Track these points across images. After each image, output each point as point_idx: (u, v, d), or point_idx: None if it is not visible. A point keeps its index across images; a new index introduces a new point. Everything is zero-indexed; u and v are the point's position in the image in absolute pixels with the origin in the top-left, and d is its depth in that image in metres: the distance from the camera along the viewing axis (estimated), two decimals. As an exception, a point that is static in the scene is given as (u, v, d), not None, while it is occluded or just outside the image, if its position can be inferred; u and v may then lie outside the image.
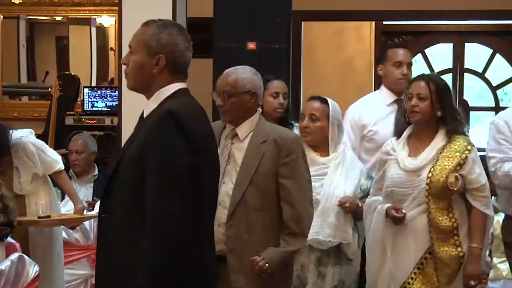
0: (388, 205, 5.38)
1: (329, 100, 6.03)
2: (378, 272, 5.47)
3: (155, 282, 3.95)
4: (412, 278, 5.28)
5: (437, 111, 5.48)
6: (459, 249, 5.30)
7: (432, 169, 5.32)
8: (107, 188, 4.17)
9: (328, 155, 5.90)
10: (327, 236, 5.66)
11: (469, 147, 5.49)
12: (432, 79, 5.67)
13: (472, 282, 5.46)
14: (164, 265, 3.94)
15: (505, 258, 8.08)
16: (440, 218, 5.29)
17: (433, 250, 5.31)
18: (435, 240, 5.31)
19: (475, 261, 5.38)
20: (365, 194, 5.86)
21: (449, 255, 5.28)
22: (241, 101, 5.17)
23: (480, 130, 14.52)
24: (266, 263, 4.92)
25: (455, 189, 5.28)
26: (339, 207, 5.77)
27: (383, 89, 5.86)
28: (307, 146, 5.88)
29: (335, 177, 5.75)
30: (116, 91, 11.19)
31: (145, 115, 4.21)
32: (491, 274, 7.04)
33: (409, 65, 5.77)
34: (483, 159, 6.24)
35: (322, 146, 5.95)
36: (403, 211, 5.32)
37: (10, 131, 7.55)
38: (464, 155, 5.42)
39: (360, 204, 5.83)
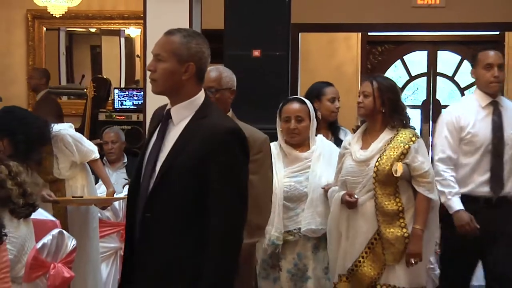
0: (343, 192, 5.36)
1: (305, 99, 6.04)
2: (336, 252, 5.43)
3: (234, 255, 3.96)
4: (363, 257, 5.27)
5: (380, 107, 5.47)
6: (404, 230, 5.29)
7: (379, 159, 5.31)
8: (154, 190, 4.01)
9: (308, 149, 5.83)
10: (319, 224, 5.60)
11: (413, 139, 5.47)
12: (377, 79, 5.69)
13: (413, 260, 5.43)
14: (236, 247, 3.96)
15: None
16: (386, 203, 5.28)
17: (380, 231, 5.31)
18: (381, 222, 5.31)
19: (416, 241, 5.36)
20: None
21: (394, 236, 5.27)
22: (224, 96, 5.13)
23: None
24: None
25: (398, 175, 5.26)
26: (326, 197, 5.69)
27: (477, 92, 5.57)
28: (287, 145, 5.86)
29: (318, 169, 5.69)
30: (141, 92, 11.20)
31: (175, 119, 4.07)
32: None
33: (500, 66, 5.40)
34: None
35: (302, 143, 5.88)
36: (355, 196, 5.30)
37: (52, 125, 7.55)
38: (407, 145, 5.39)
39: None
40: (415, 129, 5.77)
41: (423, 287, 5.56)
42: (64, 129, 7.54)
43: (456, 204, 5.37)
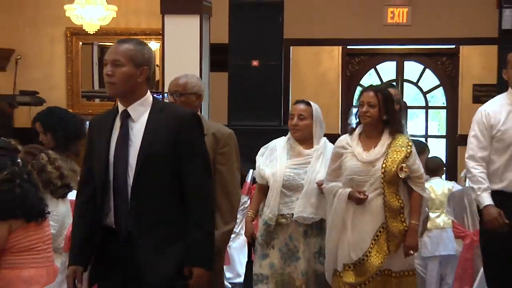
0: (350, 189, 5.19)
1: (312, 103, 5.87)
2: (337, 243, 5.27)
3: (211, 222, 4.01)
4: (370, 249, 5.14)
5: (384, 116, 5.30)
6: (404, 224, 5.19)
7: (385, 161, 5.16)
8: (136, 179, 3.95)
9: (312, 147, 5.69)
10: (310, 213, 5.51)
11: (410, 143, 5.35)
12: (380, 89, 5.48)
13: (411, 252, 5.38)
14: (213, 209, 4.09)
15: (439, 213, 8.25)
16: (391, 200, 5.16)
17: (386, 225, 5.18)
18: (388, 217, 5.18)
19: (413, 235, 5.29)
20: None
21: (398, 229, 5.17)
22: (189, 100, 5.01)
23: (415, 123, 14.85)
24: None
25: (403, 177, 5.16)
26: (320, 190, 5.60)
27: (509, 91, 5.07)
28: (295, 141, 5.73)
29: (316, 165, 5.58)
30: (160, 95, 10.96)
31: (134, 117, 4.02)
32: (428, 225, 6.79)
33: None
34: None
35: (307, 140, 5.72)
36: (366, 193, 5.17)
37: (86, 122, 7.51)
38: (409, 149, 5.27)
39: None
40: (407, 133, 5.76)
41: (414, 269, 5.45)
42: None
43: (486, 200, 5.02)
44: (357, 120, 5.41)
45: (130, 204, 3.99)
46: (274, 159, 5.67)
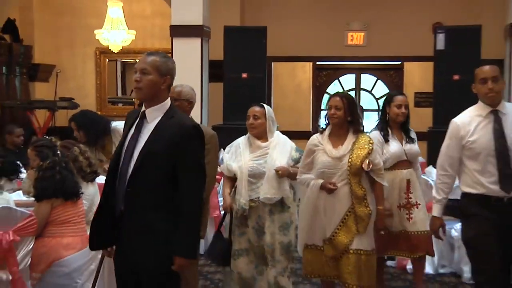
0: (322, 180, 5.08)
1: (265, 105, 5.80)
2: (309, 223, 5.19)
3: (199, 223, 3.93)
4: (338, 229, 5.05)
5: (348, 117, 5.18)
6: (368, 208, 5.06)
7: (350, 156, 5.05)
8: (137, 171, 3.91)
9: (267, 141, 5.62)
10: (273, 194, 5.43)
11: (371, 142, 5.21)
12: (345, 95, 5.35)
13: (382, 232, 5.32)
14: (200, 214, 3.98)
15: None
16: (356, 189, 5.04)
17: (353, 209, 5.05)
18: (355, 203, 5.05)
19: (382, 218, 5.23)
20: (296, 162, 5.57)
21: (363, 213, 5.04)
22: (182, 105, 4.98)
23: (369, 122, 14.50)
24: None
25: (367, 169, 5.05)
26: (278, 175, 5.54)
27: (479, 103, 4.64)
28: (253, 137, 5.67)
29: (273, 154, 5.50)
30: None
31: (149, 119, 3.97)
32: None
33: (494, 79, 4.53)
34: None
35: (263, 135, 5.65)
36: (337, 185, 5.06)
37: (111, 122, 7.52)
38: (371, 147, 5.13)
39: (291, 170, 5.50)
40: (367, 133, 5.56)
41: (374, 248, 5.26)
42: (119, 125, 7.49)
43: (435, 211, 4.72)
44: (327, 121, 5.31)
45: (126, 189, 3.94)
46: (238, 155, 5.62)
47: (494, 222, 4.39)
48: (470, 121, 4.57)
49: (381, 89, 14.80)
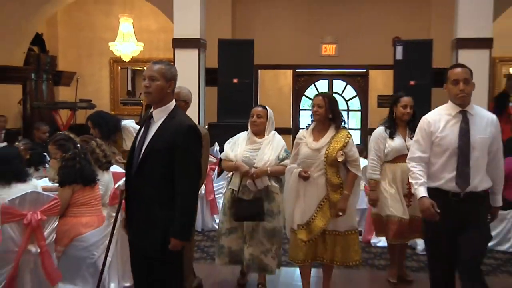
0: (300, 169, 5.03)
1: (267, 107, 5.72)
2: (293, 208, 5.11)
3: (193, 210, 3.94)
4: (315, 214, 4.97)
5: (329, 114, 5.07)
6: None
7: (327, 149, 4.95)
8: (142, 164, 3.93)
9: (263, 137, 5.52)
10: (260, 182, 5.32)
11: (348, 136, 5.10)
12: (326, 95, 5.25)
13: (340, 213, 5.09)
14: (195, 201, 3.97)
15: None
16: (332, 178, 4.95)
17: (328, 196, 4.96)
18: (330, 190, 4.96)
19: (344, 201, 5.01)
20: (281, 161, 5.42)
21: (337, 199, 4.95)
22: (180, 105, 4.79)
23: None
24: None
25: (340, 160, 4.93)
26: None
27: (449, 103, 4.26)
28: (252, 133, 5.58)
29: (265, 150, 5.41)
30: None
31: (155, 119, 3.96)
32: None
33: (465, 81, 4.15)
34: None
35: (262, 133, 5.55)
36: (309, 172, 4.98)
37: (122, 121, 7.51)
38: (347, 140, 5.03)
39: (269, 171, 5.35)
40: (347, 129, 5.42)
41: (356, 228, 5.21)
42: (129, 123, 7.50)
43: (421, 192, 4.24)
44: (312, 118, 5.22)
45: (133, 178, 3.96)
46: (237, 146, 5.55)
47: (450, 214, 4.12)
48: (440, 119, 4.25)
49: (350, 92, 14.81)
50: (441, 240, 4.25)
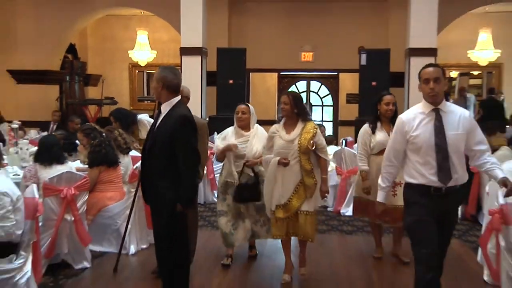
0: (278, 158, 4.73)
1: (249, 104, 5.45)
2: (271, 193, 4.82)
3: (194, 183, 3.94)
4: (292, 196, 4.72)
5: (294, 110, 4.76)
6: (314, 179, 4.71)
7: (299, 139, 4.68)
8: (150, 148, 3.94)
9: (249, 131, 5.26)
10: (248, 170, 5.16)
11: (315, 127, 4.79)
12: (291, 93, 4.93)
13: (326, 195, 4.96)
14: (195, 175, 3.91)
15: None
16: (305, 164, 4.69)
17: (303, 180, 4.70)
18: (304, 175, 4.70)
19: (326, 184, 4.81)
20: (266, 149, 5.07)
21: (310, 183, 4.69)
22: (182, 100, 4.29)
23: (317, 114, 14.61)
24: None
25: (312, 148, 4.67)
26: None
27: (423, 101, 3.70)
28: (238, 127, 5.28)
29: (253, 142, 5.17)
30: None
31: (163, 112, 3.93)
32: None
33: (436, 79, 3.62)
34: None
35: (247, 126, 5.28)
36: (288, 159, 4.72)
37: (138, 115, 7.51)
38: (315, 131, 4.73)
39: (258, 160, 5.15)
40: (318, 125, 5.08)
41: (317, 208, 4.91)
42: (143, 117, 7.49)
43: (379, 197, 3.84)
44: (280, 114, 4.97)
45: (146, 160, 3.99)
46: (226, 140, 5.31)
47: (432, 209, 3.58)
48: (414, 118, 3.67)
49: (324, 91, 14.75)
50: (424, 225, 3.62)
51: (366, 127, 5.39)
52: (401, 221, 4.96)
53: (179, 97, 4.02)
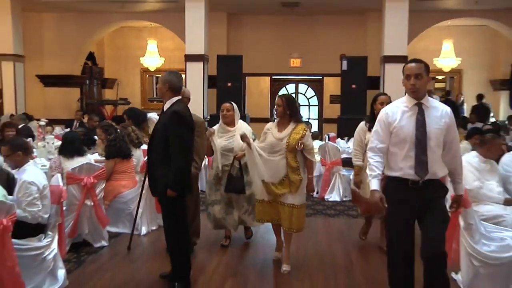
0: (264, 154, 4.49)
1: (233, 102, 5.17)
2: (259, 185, 4.56)
3: (182, 171, 3.83)
4: (277, 183, 4.44)
5: (287, 111, 4.50)
6: (299, 176, 4.42)
7: (288, 139, 4.42)
8: (151, 140, 4.01)
9: (234, 127, 5.02)
10: (237, 162, 4.97)
11: (305, 129, 4.51)
12: (285, 95, 4.65)
13: (312, 193, 4.62)
14: (183, 164, 3.82)
15: (317, 154, 7.44)
16: (291, 162, 4.42)
17: (287, 176, 4.42)
18: (289, 171, 4.42)
19: (311, 183, 4.51)
20: (253, 139, 4.76)
21: (295, 179, 4.41)
22: (183, 100, 4.25)
23: (305, 113, 14.55)
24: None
25: (299, 148, 4.40)
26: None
27: (406, 96, 3.36)
28: (224, 124, 5.04)
29: (237, 136, 4.81)
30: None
31: (165, 109, 3.91)
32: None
33: (418, 76, 3.28)
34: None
35: (232, 122, 5.03)
36: (273, 157, 4.43)
37: (147, 114, 7.47)
38: (304, 132, 4.46)
39: (246, 154, 4.75)
40: (305, 122, 4.90)
41: (305, 203, 4.62)
42: (153, 115, 7.44)
43: (373, 185, 3.27)
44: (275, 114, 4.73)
45: (149, 155, 4.03)
46: (215, 136, 5.09)
47: (412, 204, 3.23)
48: (397, 111, 3.32)
49: (311, 93, 14.76)
50: (401, 226, 3.30)
51: (362, 125, 5.00)
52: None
53: (179, 97, 4.01)
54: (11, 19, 10.64)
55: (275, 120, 4.65)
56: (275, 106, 4.60)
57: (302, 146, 4.42)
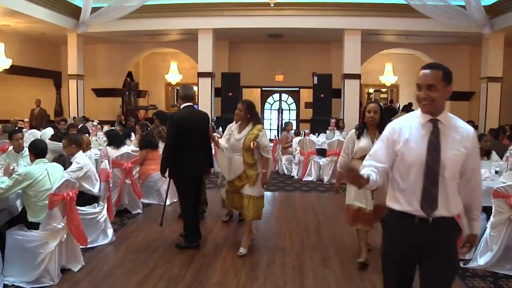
0: (229, 153, 3.90)
1: (246, 103, 3.96)
2: (224, 178, 4.24)
3: (164, 159, 3.89)
4: (235, 178, 3.89)
5: (247, 115, 3.86)
6: (256, 171, 3.83)
7: (245, 139, 3.82)
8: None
9: (245, 126, 3.94)
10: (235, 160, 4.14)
11: (260, 130, 3.84)
12: (245, 101, 3.98)
13: (264, 186, 3.90)
14: (164, 155, 3.87)
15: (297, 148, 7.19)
16: (247, 159, 3.83)
17: (245, 171, 3.85)
18: (246, 168, 3.84)
19: (265, 177, 3.85)
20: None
21: (251, 174, 3.83)
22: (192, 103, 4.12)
23: (285, 116, 14.36)
24: None
25: (253, 147, 3.79)
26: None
27: (419, 110, 1.92)
28: (235, 122, 4.04)
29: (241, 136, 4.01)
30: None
31: None
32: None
33: (429, 86, 1.78)
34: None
35: (243, 122, 3.94)
36: (236, 155, 3.86)
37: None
38: (257, 133, 3.81)
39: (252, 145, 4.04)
40: (262, 124, 4.00)
41: (263, 195, 3.97)
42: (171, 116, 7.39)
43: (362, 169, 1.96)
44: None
45: None
46: (230, 132, 4.16)
47: (414, 240, 1.90)
48: (407, 127, 1.94)
49: (291, 100, 14.54)
50: (398, 264, 1.99)
51: (352, 132, 3.75)
52: (378, 218, 3.45)
53: (187, 103, 3.99)
54: (76, 51, 10.99)
55: (237, 124, 4.00)
56: (236, 111, 3.96)
57: (254, 145, 3.82)
